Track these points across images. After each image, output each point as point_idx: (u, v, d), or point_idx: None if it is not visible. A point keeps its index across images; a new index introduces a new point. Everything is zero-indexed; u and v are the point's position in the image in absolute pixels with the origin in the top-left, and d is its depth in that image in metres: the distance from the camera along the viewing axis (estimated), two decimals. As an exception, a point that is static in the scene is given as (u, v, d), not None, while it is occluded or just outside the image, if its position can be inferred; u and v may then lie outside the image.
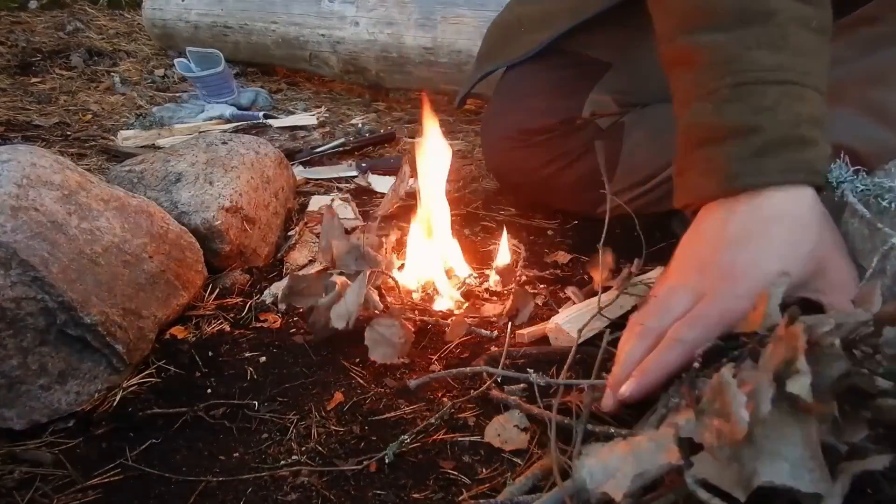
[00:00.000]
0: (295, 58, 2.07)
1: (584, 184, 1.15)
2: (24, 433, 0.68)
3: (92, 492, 0.62)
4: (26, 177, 0.73)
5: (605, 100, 1.11)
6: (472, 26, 1.72)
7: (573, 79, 1.13)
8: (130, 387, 0.76)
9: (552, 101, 1.13)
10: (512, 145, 1.16)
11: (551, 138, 1.13)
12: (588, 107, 1.11)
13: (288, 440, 0.69)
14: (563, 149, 1.13)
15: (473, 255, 1.07)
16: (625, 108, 1.13)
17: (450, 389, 0.76)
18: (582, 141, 1.12)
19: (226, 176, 0.98)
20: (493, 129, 1.21)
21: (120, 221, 0.80)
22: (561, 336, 0.81)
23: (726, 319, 0.58)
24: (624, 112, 1.13)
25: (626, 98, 1.13)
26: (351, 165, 1.47)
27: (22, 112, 1.72)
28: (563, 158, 1.13)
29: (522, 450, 0.66)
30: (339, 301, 0.81)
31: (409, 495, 0.62)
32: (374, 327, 0.80)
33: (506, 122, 1.18)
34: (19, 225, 0.68)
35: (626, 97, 1.13)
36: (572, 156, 1.13)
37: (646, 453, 0.46)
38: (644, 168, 1.13)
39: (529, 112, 1.14)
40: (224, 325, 0.88)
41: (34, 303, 0.67)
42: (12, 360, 0.66)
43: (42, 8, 2.79)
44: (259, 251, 1.02)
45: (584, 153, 1.12)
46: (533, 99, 1.15)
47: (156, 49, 2.38)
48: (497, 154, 1.20)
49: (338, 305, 0.81)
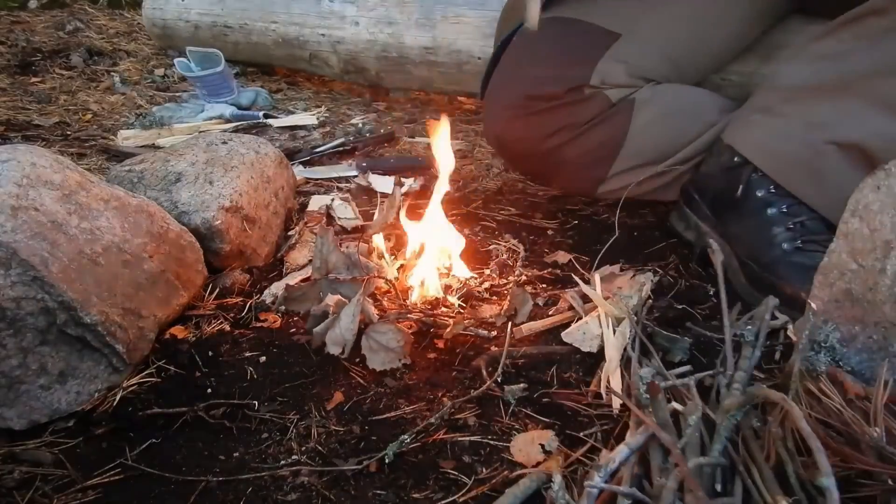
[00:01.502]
0: (295, 58, 2.07)
1: (588, 160, 1.12)
2: (24, 433, 0.68)
3: (92, 492, 0.62)
4: (26, 176, 0.73)
5: (616, 68, 1.08)
6: (472, 26, 1.72)
7: (581, 47, 1.10)
8: (130, 387, 0.76)
9: (560, 68, 1.10)
10: (516, 113, 1.13)
11: (558, 107, 1.09)
12: (596, 76, 1.08)
13: (288, 440, 0.69)
14: (569, 120, 1.10)
15: (473, 254, 1.07)
16: (637, 81, 1.10)
17: (450, 389, 0.76)
18: (589, 113, 1.09)
19: (226, 176, 0.98)
20: (499, 96, 1.17)
21: (120, 221, 0.80)
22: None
23: None
24: (636, 86, 1.10)
25: (638, 70, 1.10)
26: (351, 165, 1.47)
27: (22, 112, 1.72)
28: (569, 131, 1.10)
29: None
30: (335, 326, 0.80)
31: (409, 495, 0.62)
32: (369, 335, 0.80)
33: (512, 89, 1.14)
34: (19, 225, 0.68)
35: (638, 70, 1.10)
36: (578, 128, 1.10)
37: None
38: (652, 150, 1.10)
39: (536, 79, 1.11)
40: (224, 325, 0.88)
41: (34, 302, 0.67)
42: (12, 360, 0.66)
43: (42, 8, 2.79)
44: (259, 251, 1.02)
45: (591, 127, 1.09)
46: (540, 66, 1.11)
47: (156, 49, 2.38)
48: (501, 122, 1.16)
49: (333, 331, 0.80)
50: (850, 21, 0.92)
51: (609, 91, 1.08)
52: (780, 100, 0.99)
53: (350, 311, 0.80)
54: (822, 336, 0.69)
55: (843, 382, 0.64)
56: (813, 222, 0.95)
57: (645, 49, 1.11)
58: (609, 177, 1.13)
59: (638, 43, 1.10)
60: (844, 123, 0.92)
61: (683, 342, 0.81)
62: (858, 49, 0.90)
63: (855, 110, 0.91)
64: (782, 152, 0.97)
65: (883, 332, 0.66)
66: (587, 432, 0.70)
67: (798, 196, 0.96)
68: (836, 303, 0.71)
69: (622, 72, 1.09)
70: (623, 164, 1.11)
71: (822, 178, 0.94)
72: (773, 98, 1.00)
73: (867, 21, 0.89)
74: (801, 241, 0.94)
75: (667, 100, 1.11)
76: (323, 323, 0.81)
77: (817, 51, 0.96)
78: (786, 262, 0.93)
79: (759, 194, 0.99)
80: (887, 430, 0.57)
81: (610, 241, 1.05)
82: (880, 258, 0.66)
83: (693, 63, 1.19)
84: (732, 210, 1.02)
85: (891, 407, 0.60)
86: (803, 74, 0.97)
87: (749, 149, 1.01)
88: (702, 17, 1.14)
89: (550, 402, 0.75)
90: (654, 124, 1.10)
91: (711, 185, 1.07)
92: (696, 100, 1.15)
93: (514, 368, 0.80)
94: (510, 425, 0.71)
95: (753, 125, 1.02)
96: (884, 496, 0.56)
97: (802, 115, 0.96)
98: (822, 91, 0.94)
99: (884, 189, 0.67)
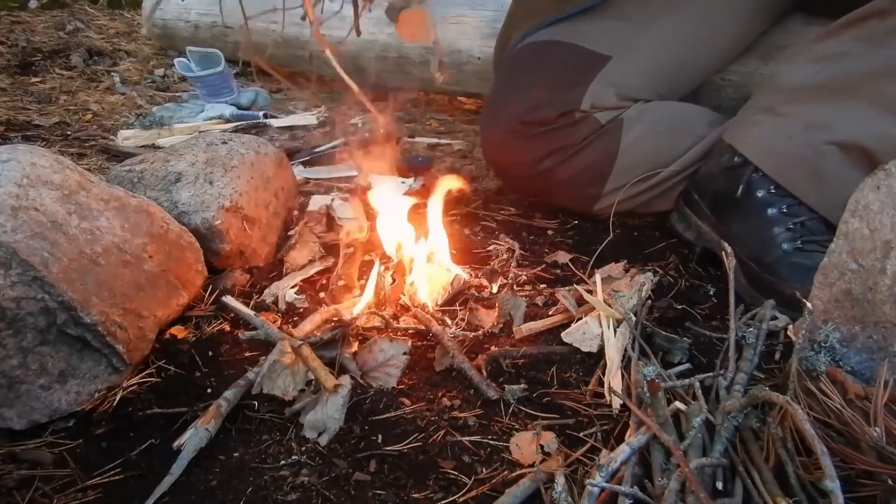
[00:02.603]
0: (295, 58, 2.07)
1: (582, 180, 1.14)
2: (24, 433, 0.68)
3: (92, 492, 0.62)
4: (26, 176, 0.73)
5: (606, 92, 1.10)
6: (472, 26, 1.72)
7: (573, 70, 1.12)
8: (130, 387, 0.76)
9: (551, 93, 1.12)
10: (511, 137, 1.15)
11: (550, 131, 1.11)
12: (587, 99, 1.10)
13: (288, 440, 0.69)
14: (562, 143, 1.12)
15: (473, 255, 1.07)
16: (625, 102, 1.12)
17: (450, 389, 0.76)
18: (580, 135, 1.11)
19: (226, 176, 0.98)
20: (493, 121, 1.19)
21: (120, 221, 0.80)
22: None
23: None
24: (624, 107, 1.12)
25: (627, 92, 1.12)
26: (351, 165, 1.47)
27: (22, 112, 1.72)
28: (562, 153, 1.12)
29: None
30: (318, 407, 0.70)
31: (409, 495, 0.62)
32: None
33: (505, 114, 1.16)
34: (19, 225, 0.68)
35: (627, 91, 1.12)
36: (571, 150, 1.12)
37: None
38: (643, 166, 1.12)
39: (529, 103, 1.13)
40: (224, 325, 0.88)
41: (34, 302, 0.67)
42: (12, 360, 0.66)
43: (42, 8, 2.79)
44: (259, 251, 1.02)
45: (583, 148, 1.11)
46: (532, 90, 1.14)
47: (156, 49, 2.38)
48: (496, 147, 1.19)
49: (314, 413, 0.70)
50: (853, 22, 0.92)
51: (599, 114, 1.11)
52: (782, 100, 0.99)
53: (338, 403, 0.70)
54: (822, 336, 0.69)
55: (843, 382, 0.64)
56: (813, 222, 0.95)
57: (636, 69, 1.13)
58: (604, 194, 1.15)
59: (628, 64, 1.12)
60: (846, 124, 0.92)
61: (683, 343, 0.81)
62: (860, 50, 0.90)
63: (856, 111, 0.91)
64: (783, 153, 0.97)
65: (883, 332, 0.66)
66: (587, 432, 0.70)
67: (798, 196, 0.96)
68: (836, 303, 0.71)
69: (612, 95, 1.11)
70: (616, 182, 1.13)
71: (823, 179, 0.94)
72: (775, 98, 1.00)
73: (869, 23, 0.89)
74: (801, 241, 0.94)
75: (654, 117, 1.13)
76: (303, 402, 0.72)
77: (819, 51, 0.96)
78: (786, 263, 0.93)
79: (759, 194, 0.99)
80: (887, 430, 0.57)
81: (605, 242, 1.05)
82: (880, 258, 0.66)
83: (686, 75, 1.21)
84: (732, 210, 1.02)
85: (891, 407, 0.60)
86: (805, 75, 0.97)
87: (750, 149, 1.01)
88: (692, 31, 1.15)
89: (550, 402, 0.75)
90: (643, 141, 1.11)
91: (712, 185, 1.07)
92: (684, 114, 1.16)
93: (514, 368, 0.80)
94: (510, 425, 0.71)
95: (754, 125, 1.02)
96: (884, 496, 0.56)
97: (803, 115, 0.96)
98: (824, 92, 0.94)
99: (884, 189, 0.67)
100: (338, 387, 0.71)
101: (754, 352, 0.75)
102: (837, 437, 0.61)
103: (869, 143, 0.90)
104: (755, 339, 0.76)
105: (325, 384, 0.70)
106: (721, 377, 0.72)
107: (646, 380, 0.69)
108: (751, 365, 0.74)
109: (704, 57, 1.21)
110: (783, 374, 0.72)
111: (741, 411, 0.64)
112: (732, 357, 0.73)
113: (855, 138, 0.91)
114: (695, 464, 0.57)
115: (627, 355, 0.79)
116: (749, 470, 0.60)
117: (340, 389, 0.71)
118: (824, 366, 0.67)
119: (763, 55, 1.24)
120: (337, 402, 0.70)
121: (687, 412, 0.67)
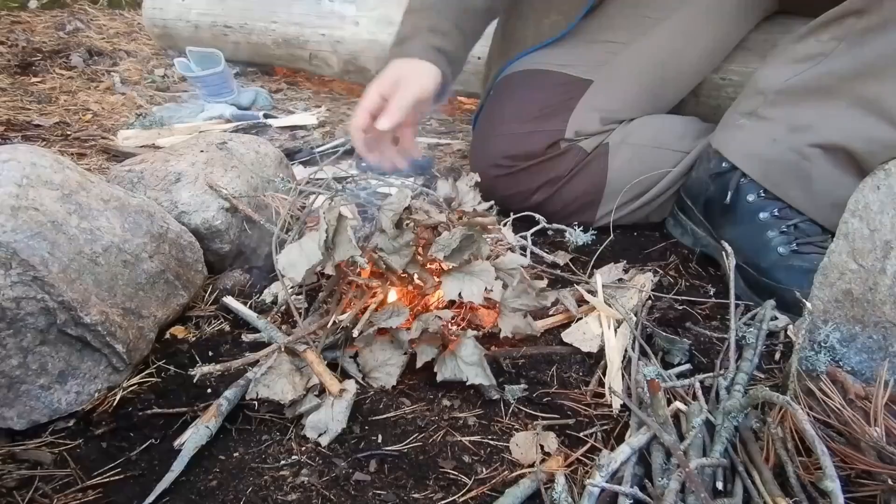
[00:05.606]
0: (295, 57, 2.07)
1: (575, 208, 1.15)
2: (24, 433, 0.68)
3: (92, 492, 0.62)
4: (26, 176, 0.73)
5: (590, 117, 1.12)
6: (472, 26, 1.72)
7: (555, 99, 1.13)
8: (130, 387, 0.76)
9: (535, 124, 1.13)
10: (499, 172, 1.16)
11: (537, 164, 1.13)
12: (571, 126, 1.11)
13: (288, 440, 0.69)
14: (550, 174, 1.13)
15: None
16: (610, 126, 1.13)
17: (449, 389, 0.76)
18: (567, 166, 1.12)
19: (226, 176, 0.98)
20: (480, 157, 1.21)
21: (120, 221, 0.80)
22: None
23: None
24: (609, 130, 1.12)
25: (611, 115, 1.13)
26: (351, 165, 1.47)
27: (22, 112, 1.72)
28: (550, 185, 1.14)
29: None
30: (321, 410, 0.70)
31: (409, 495, 0.62)
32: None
33: (491, 149, 1.17)
34: (19, 225, 0.68)
35: (611, 114, 1.13)
36: (559, 182, 1.13)
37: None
38: (633, 189, 1.13)
39: (513, 137, 1.14)
40: (224, 325, 0.88)
41: (34, 302, 0.67)
42: (12, 360, 0.66)
43: (42, 8, 2.79)
44: (259, 251, 1.02)
45: (571, 178, 1.13)
46: (515, 123, 1.14)
47: (156, 49, 2.38)
48: (487, 180, 1.17)
49: (317, 414, 0.70)
50: (830, 21, 0.91)
51: (584, 142, 1.11)
52: (764, 104, 0.99)
53: (342, 407, 0.70)
54: (822, 336, 0.69)
55: (843, 382, 0.64)
56: (806, 224, 0.95)
57: (618, 90, 1.13)
58: (598, 217, 1.16)
59: (610, 85, 1.13)
60: (828, 126, 0.91)
61: (683, 343, 0.81)
62: (838, 50, 0.89)
63: (838, 113, 0.90)
64: (768, 157, 0.97)
65: (883, 332, 0.66)
66: (587, 432, 0.70)
67: (786, 200, 0.96)
68: (836, 303, 0.71)
69: (596, 119, 1.12)
70: (609, 205, 1.14)
71: (809, 182, 0.93)
72: (757, 102, 1.00)
73: (846, 21, 0.89)
74: (796, 243, 0.94)
75: (639, 138, 1.13)
76: (309, 404, 0.71)
77: (799, 52, 0.95)
78: (784, 267, 0.93)
79: (749, 199, 0.99)
80: (887, 430, 0.57)
81: (605, 242, 1.05)
82: (880, 258, 0.66)
83: (670, 89, 1.22)
84: (725, 215, 1.02)
85: (891, 407, 0.60)
86: (786, 77, 0.96)
87: (735, 154, 1.01)
88: (671, 47, 1.16)
89: (550, 402, 0.75)
90: (631, 164, 1.12)
91: (702, 191, 1.07)
92: (669, 130, 1.16)
93: (514, 368, 0.80)
94: (510, 425, 0.71)
95: (738, 130, 1.02)
96: (884, 496, 0.56)
97: (786, 118, 0.95)
98: (805, 94, 0.94)
99: (884, 189, 0.67)
100: (343, 391, 0.70)
101: (754, 352, 0.75)
102: (837, 437, 0.61)
103: (851, 145, 0.89)
104: (755, 339, 0.76)
105: (330, 389, 0.70)
106: (721, 377, 0.72)
107: (646, 380, 0.69)
108: (751, 365, 0.74)
109: (687, 69, 1.21)
110: (783, 375, 0.72)
111: (741, 411, 0.64)
112: (732, 357, 0.74)
113: (837, 140, 0.90)
114: (695, 464, 0.57)
115: (627, 355, 0.79)
116: (749, 470, 0.60)
117: (345, 394, 0.71)
118: (824, 366, 0.67)
119: (763, 55, 1.23)
120: (342, 405, 0.70)
121: (687, 412, 0.67)
